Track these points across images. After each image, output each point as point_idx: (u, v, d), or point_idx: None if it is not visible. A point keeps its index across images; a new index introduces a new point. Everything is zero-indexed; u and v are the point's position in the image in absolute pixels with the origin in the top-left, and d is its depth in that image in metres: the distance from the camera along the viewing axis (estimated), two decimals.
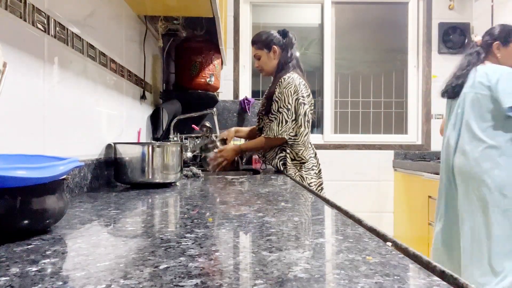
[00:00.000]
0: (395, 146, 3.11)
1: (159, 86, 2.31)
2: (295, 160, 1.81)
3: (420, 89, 3.15)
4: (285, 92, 1.77)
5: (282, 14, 3.25)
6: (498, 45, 1.90)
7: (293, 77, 1.79)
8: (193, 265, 0.44)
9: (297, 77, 1.80)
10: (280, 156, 1.85)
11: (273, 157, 1.87)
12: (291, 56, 1.87)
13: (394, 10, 3.23)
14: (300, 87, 1.78)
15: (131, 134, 1.66)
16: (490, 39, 1.91)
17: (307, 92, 1.82)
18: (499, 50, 1.90)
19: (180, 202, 0.97)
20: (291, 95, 1.76)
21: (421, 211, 2.57)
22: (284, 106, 1.77)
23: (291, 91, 1.76)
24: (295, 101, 1.76)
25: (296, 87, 1.77)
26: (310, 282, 0.38)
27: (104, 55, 1.29)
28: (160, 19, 1.96)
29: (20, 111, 0.81)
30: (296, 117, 1.77)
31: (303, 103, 1.77)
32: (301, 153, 1.79)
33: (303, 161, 1.81)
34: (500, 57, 1.90)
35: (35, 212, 0.55)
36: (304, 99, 1.78)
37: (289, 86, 1.77)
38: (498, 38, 1.91)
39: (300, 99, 1.77)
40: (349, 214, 0.74)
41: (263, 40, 1.88)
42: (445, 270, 0.42)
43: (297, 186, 1.26)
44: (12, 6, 0.78)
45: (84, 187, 1.10)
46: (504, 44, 1.90)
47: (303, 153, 1.79)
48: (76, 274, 0.41)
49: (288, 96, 1.76)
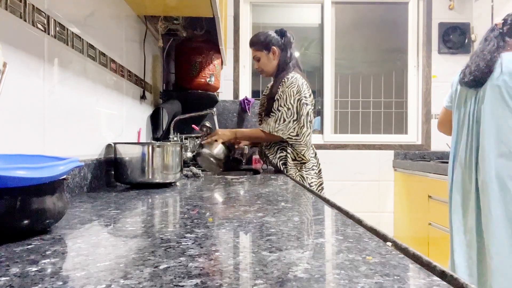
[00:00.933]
0: (395, 146, 3.11)
1: (159, 86, 2.31)
2: (296, 160, 1.81)
3: (420, 89, 3.15)
4: (287, 91, 1.77)
5: (282, 14, 3.25)
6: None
7: (296, 77, 1.79)
8: (193, 265, 0.44)
9: (300, 77, 1.80)
10: (280, 156, 1.85)
11: (273, 157, 1.87)
12: (291, 56, 1.87)
13: (394, 10, 3.23)
14: (303, 87, 1.78)
15: (131, 134, 1.66)
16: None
17: (309, 93, 1.82)
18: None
19: (180, 202, 0.97)
20: (293, 95, 1.76)
21: (421, 211, 2.57)
22: (285, 105, 1.76)
23: (293, 91, 1.76)
24: (297, 101, 1.76)
25: (299, 87, 1.76)
26: (310, 282, 0.38)
27: (104, 55, 1.29)
28: (160, 19, 1.96)
29: (20, 111, 0.81)
30: (298, 117, 1.76)
31: (305, 103, 1.77)
32: (303, 153, 1.79)
33: (304, 161, 1.80)
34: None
35: (35, 212, 0.55)
36: (306, 99, 1.78)
37: (292, 86, 1.77)
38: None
39: (302, 100, 1.76)
40: (349, 214, 0.74)
41: (262, 41, 1.87)
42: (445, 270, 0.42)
43: (297, 186, 1.26)
44: (12, 6, 0.78)
45: (84, 187, 1.10)
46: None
47: (305, 153, 1.79)
48: (76, 274, 0.41)
49: (290, 96, 1.76)
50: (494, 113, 1.63)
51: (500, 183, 1.60)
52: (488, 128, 1.65)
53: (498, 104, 1.63)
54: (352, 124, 3.22)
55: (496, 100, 1.63)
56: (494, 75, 1.64)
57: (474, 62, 1.74)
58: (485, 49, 1.72)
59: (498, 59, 1.65)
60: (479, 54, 1.73)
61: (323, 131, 3.16)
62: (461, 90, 1.81)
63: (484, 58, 1.69)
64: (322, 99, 3.18)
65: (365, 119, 3.22)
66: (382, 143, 3.10)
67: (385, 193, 3.06)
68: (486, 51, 1.71)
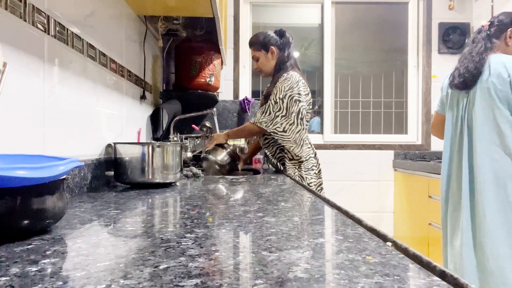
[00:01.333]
0: (395, 146, 3.11)
1: (159, 86, 2.31)
2: (293, 160, 1.80)
3: (420, 89, 3.15)
4: (279, 86, 1.77)
5: (282, 14, 3.25)
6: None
7: (292, 74, 1.79)
8: (193, 265, 0.44)
9: (297, 75, 1.80)
10: (279, 156, 1.85)
11: (273, 156, 1.88)
12: (289, 56, 1.87)
13: (394, 10, 3.23)
14: (298, 84, 1.77)
15: (131, 134, 1.66)
16: (502, 24, 1.73)
17: (305, 91, 1.81)
18: (510, 38, 1.72)
19: (180, 202, 0.97)
20: (284, 90, 1.76)
21: (421, 211, 2.57)
22: (273, 99, 1.77)
23: (285, 86, 1.76)
24: (288, 97, 1.75)
25: (292, 84, 1.76)
26: (310, 282, 0.38)
27: (104, 55, 1.29)
28: (160, 19, 1.96)
29: (20, 111, 0.81)
30: (288, 113, 1.75)
31: (298, 100, 1.75)
32: (292, 150, 1.77)
33: (301, 160, 1.80)
34: (511, 45, 1.72)
35: (35, 212, 0.55)
36: (300, 96, 1.76)
37: (285, 82, 1.77)
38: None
39: (295, 96, 1.75)
40: (349, 214, 0.74)
41: (260, 41, 1.88)
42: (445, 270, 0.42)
43: (297, 186, 1.26)
44: (12, 6, 0.78)
45: (84, 187, 1.10)
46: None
47: (295, 150, 1.77)
48: (76, 274, 0.41)
49: (281, 91, 1.76)
50: (485, 115, 1.65)
51: (498, 184, 1.60)
52: (480, 131, 1.66)
53: (488, 106, 1.64)
54: (352, 124, 3.22)
55: (486, 103, 1.65)
56: (483, 78, 1.66)
57: (463, 64, 1.75)
58: (473, 51, 1.74)
59: (486, 61, 1.67)
60: (467, 56, 1.75)
61: (323, 131, 3.16)
62: (452, 93, 1.82)
63: (473, 60, 1.70)
64: (322, 99, 3.18)
65: (365, 119, 3.22)
66: (382, 143, 3.10)
67: (385, 193, 3.06)
68: (474, 52, 1.73)
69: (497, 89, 1.62)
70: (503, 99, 1.61)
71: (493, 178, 1.62)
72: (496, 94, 1.62)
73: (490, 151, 1.63)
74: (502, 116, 1.62)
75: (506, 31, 1.74)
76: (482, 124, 1.66)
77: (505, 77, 1.60)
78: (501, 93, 1.61)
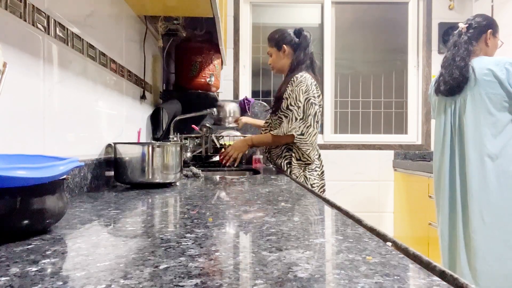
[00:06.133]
0: (395, 146, 3.11)
1: (159, 86, 2.31)
2: (300, 160, 1.81)
3: (420, 89, 3.15)
4: (297, 90, 1.77)
5: (282, 14, 3.25)
6: (491, 33, 1.76)
7: (305, 77, 1.79)
8: (193, 265, 0.44)
9: (309, 77, 1.80)
10: (286, 155, 1.85)
11: (278, 156, 1.87)
12: (305, 57, 1.85)
13: (394, 10, 3.22)
14: (311, 87, 1.78)
15: (131, 134, 1.66)
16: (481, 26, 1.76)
17: (318, 93, 1.82)
18: (490, 39, 1.76)
19: (180, 202, 0.97)
20: (302, 93, 1.76)
21: (421, 211, 2.57)
22: (295, 104, 1.76)
23: (302, 89, 1.76)
24: (305, 100, 1.76)
25: (308, 87, 1.76)
26: (310, 282, 0.38)
27: (104, 55, 1.29)
28: (160, 19, 1.96)
29: (20, 111, 0.81)
30: (305, 116, 1.76)
31: (313, 103, 1.77)
32: (308, 153, 1.78)
33: (309, 161, 1.80)
34: (490, 46, 1.76)
35: (35, 212, 0.55)
36: (315, 99, 1.78)
37: (301, 85, 1.77)
38: (491, 26, 1.77)
39: (311, 99, 1.76)
40: (349, 214, 0.74)
41: (275, 39, 1.90)
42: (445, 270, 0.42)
43: (297, 186, 1.26)
44: (12, 6, 0.78)
45: (84, 187, 1.10)
46: (494, 35, 1.77)
47: (310, 153, 1.78)
48: (76, 274, 0.41)
49: (299, 94, 1.76)
50: (477, 121, 1.66)
51: (489, 188, 1.64)
52: (472, 137, 1.68)
53: (480, 112, 1.66)
54: (352, 124, 3.22)
55: (478, 109, 1.66)
56: (471, 84, 1.68)
57: (447, 71, 1.77)
58: (456, 56, 1.75)
59: (469, 66, 1.69)
60: (451, 62, 1.76)
61: (323, 131, 3.16)
62: (439, 100, 1.84)
63: (458, 66, 1.72)
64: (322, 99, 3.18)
65: (365, 119, 3.22)
66: (382, 143, 3.10)
67: (385, 193, 3.06)
68: (458, 57, 1.74)
69: (490, 93, 1.63)
70: (497, 103, 1.63)
71: (485, 182, 1.64)
72: (489, 98, 1.64)
73: (482, 156, 1.65)
74: (493, 121, 1.64)
75: (486, 33, 1.77)
76: (474, 129, 1.68)
77: (493, 79, 1.62)
78: (494, 96, 1.63)
